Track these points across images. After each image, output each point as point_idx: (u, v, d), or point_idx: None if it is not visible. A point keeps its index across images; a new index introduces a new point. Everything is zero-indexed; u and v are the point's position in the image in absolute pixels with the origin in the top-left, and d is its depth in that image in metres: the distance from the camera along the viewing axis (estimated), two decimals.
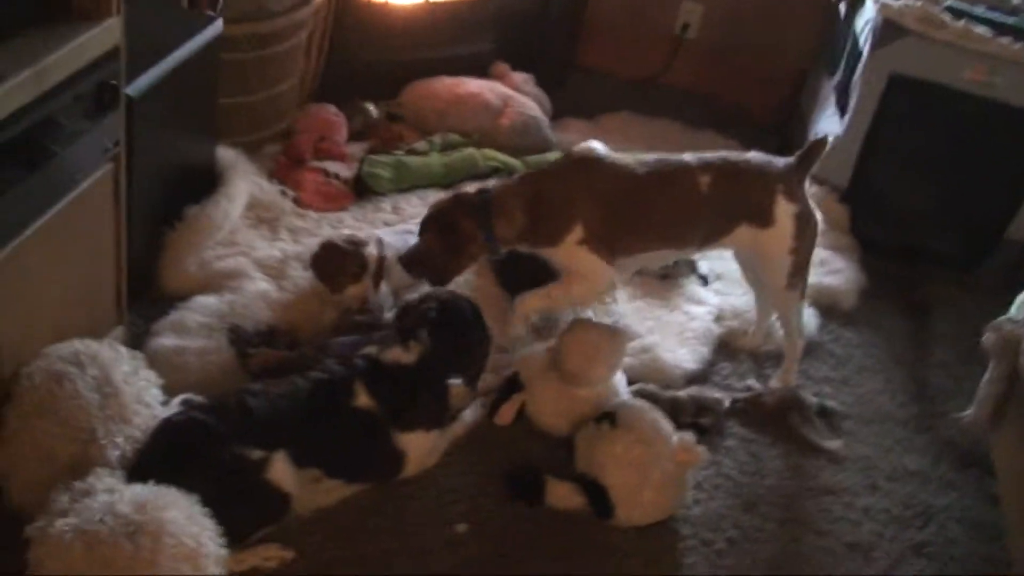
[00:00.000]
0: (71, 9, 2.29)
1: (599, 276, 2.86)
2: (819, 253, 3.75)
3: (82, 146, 2.32)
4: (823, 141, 2.91)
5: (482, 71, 4.36)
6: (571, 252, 2.81)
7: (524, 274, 3.05)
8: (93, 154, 2.40)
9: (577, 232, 2.78)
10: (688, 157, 2.88)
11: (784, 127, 4.65)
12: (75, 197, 2.37)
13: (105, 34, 2.30)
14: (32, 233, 2.23)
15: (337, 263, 2.97)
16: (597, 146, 2.91)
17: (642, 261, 2.98)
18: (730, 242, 2.94)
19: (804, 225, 2.88)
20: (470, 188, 2.94)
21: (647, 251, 2.90)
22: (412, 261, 2.90)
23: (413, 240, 3.06)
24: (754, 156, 2.94)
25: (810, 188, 3.90)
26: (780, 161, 2.92)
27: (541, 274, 2.97)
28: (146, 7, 3.01)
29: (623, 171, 2.82)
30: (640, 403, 2.70)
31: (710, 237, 2.90)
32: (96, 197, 2.48)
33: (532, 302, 2.91)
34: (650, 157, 2.88)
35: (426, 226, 2.90)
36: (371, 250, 2.98)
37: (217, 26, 3.07)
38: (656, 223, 2.85)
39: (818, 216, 3.00)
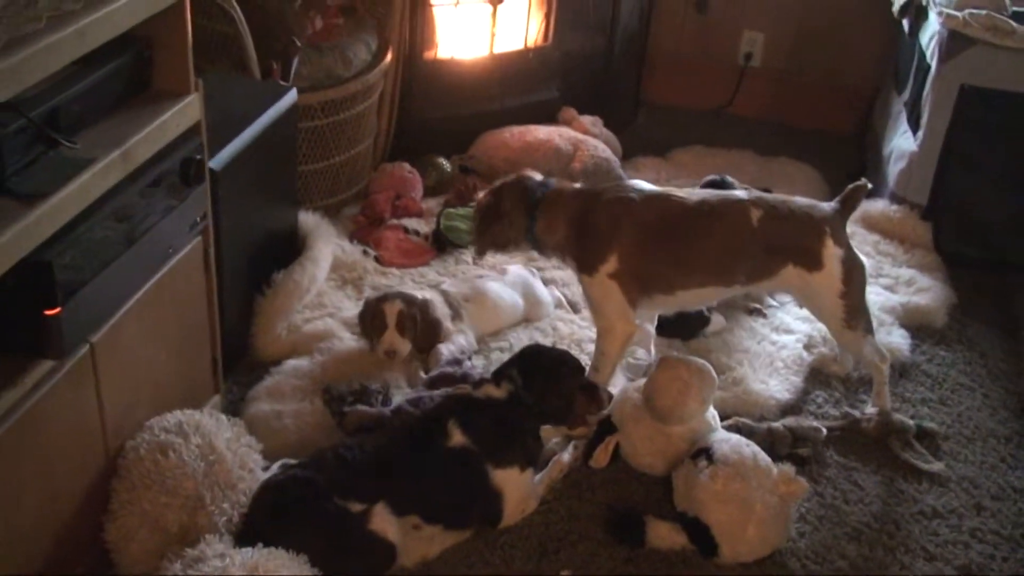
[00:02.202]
0: (152, 89, 2.39)
1: (619, 319, 2.84)
2: (905, 272, 3.75)
3: (171, 221, 2.39)
4: (863, 185, 2.90)
5: (550, 118, 4.42)
6: (602, 286, 2.81)
7: None
8: (182, 228, 2.47)
9: (611, 263, 2.78)
10: (738, 192, 2.88)
11: (858, 148, 4.61)
12: (168, 271, 2.44)
13: (185, 111, 2.38)
14: (129, 308, 2.31)
15: (364, 320, 3.07)
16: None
17: (683, 300, 2.94)
18: (777, 283, 2.92)
19: (851, 269, 2.86)
20: (537, 176, 2.95)
21: (690, 288, 2.87)
22: (476, 215, 2.97)
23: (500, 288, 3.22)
24: (801, 199, 2.92)
25: (891, 207, 3.95)
26: (825, 205, 2.90)
27: None
28: (222, 82, 3.12)
29: (673, 201, 2.82)
30: (736, 437, 2.68)
31: (756, 275, 2.87)
32: (188, 269, 2.55)
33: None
34: (696, 191, 2.88)
35: (489, 190, 2.97)
36: (393, 304, 3.02)
37: (292, 95, 3.15)
38: (704, 256, 2.83)
39: (863, 259, 2.97)
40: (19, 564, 2.11)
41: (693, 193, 2.87)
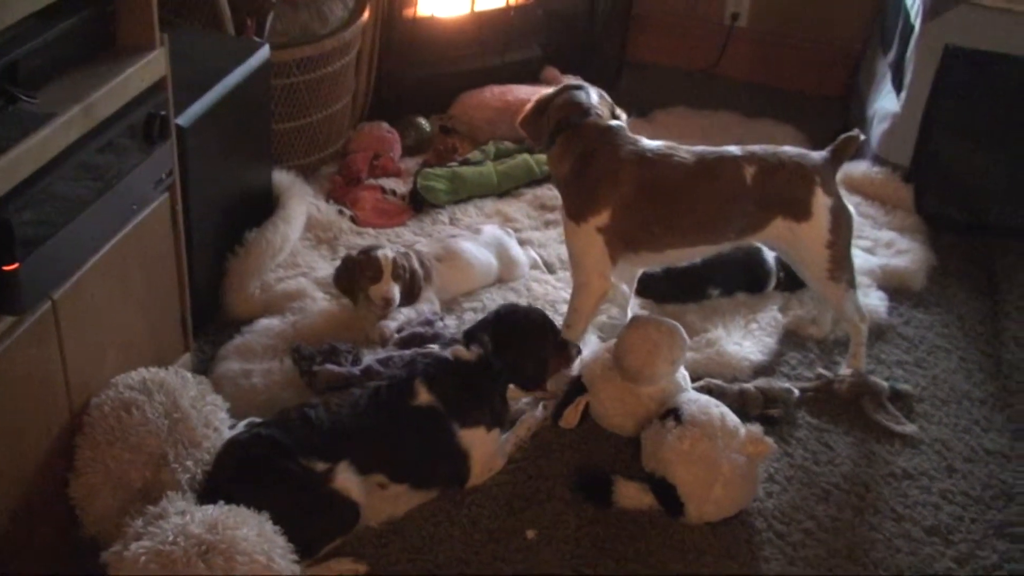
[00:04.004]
0: (115, 44, 2.36)
1: (597, 274, 2.82)
2: (885, 235, 3.73)
3: (136, 177, 2.37)
4: (855, 136, 2.88)
5: (532, 77, 4.38)
6: (587, 237, 2.78)
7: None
8: (147, 184, 2.45)
9: (603, 217, 2.76)
10: (732, 148, 2.85)
11: (843, 110, 4.58)
12: (134, 228, 2.43)
13: (150, 66, 2.36)
14: (94, 265, 2.29)
15: (351, 273, 3.03)
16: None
17: (671, 258, 2.93)
18: (764, 236, 2.90)
19: (840, 218, 2.85)
20: (591, 98, 2.89)
21: (681, 247, 2.86)
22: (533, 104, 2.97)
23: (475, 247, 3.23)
24: (791, 149, 2.90)
25: (873, 169, 3.93)
26: (816, 154, 2.88)
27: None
28: (193, 37, 3.09)
29: (674, 162, 2.79)
30: (704, 398, 2.67)
31: (746, 230, 2.86)
32: (154, 226, 2.54)
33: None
34: (696, 148, 2.85)
35: (556, 89, 2.95)
36: (385, 252, 3.01)
37: (264, 52, 3.12)
38: (698, 217, 2.82)
39: (851, 210, 2.95)
40: None
41: (692, 151, 2.83)
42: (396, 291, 2.99)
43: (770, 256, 3.32)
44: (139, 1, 2.34)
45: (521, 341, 2.65)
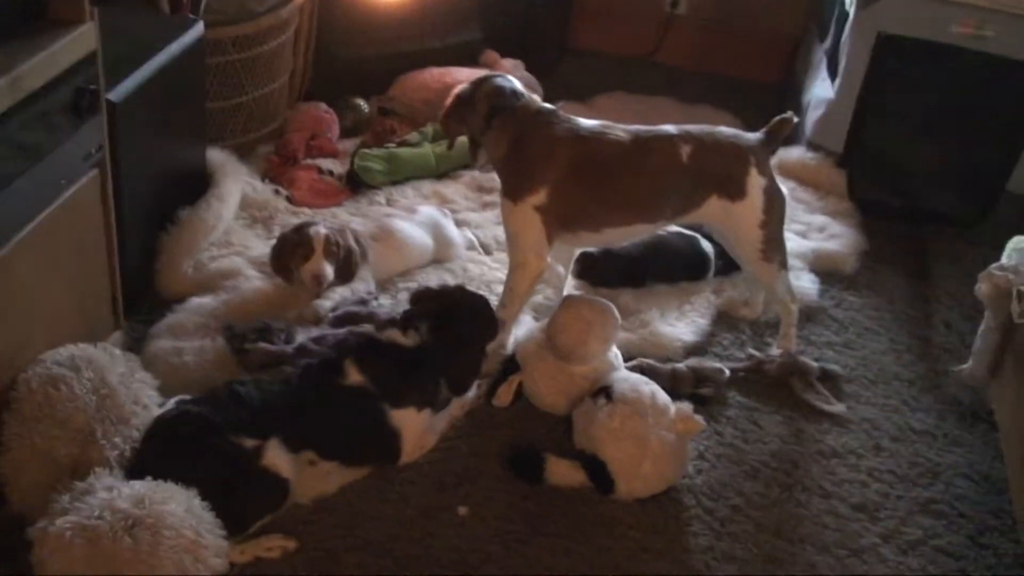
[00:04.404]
0: (46, 17, 2.33)
1: (533, 254, 2.83)
2: (818, 219, 3.79)
3: (64, 152, 2.35)
4: (789, 118, 2.92)
5: (472, 60, 4.38)
6: (525, 216, 2.79)
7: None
8: (76, 160, 2.42)
9: (539, 196, 2.77)
10: (668, 127, 2.88)
11: (779, 97, 4.63)
12: (61, 203, 2.40)
13: (80, 40, 2.33)
14: (20, 241, 2.26)
15: (284, 251, 3.02)
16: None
17: (609, 237, 2.95)
18: (699, 216, 2.93)
19: (773, 198, 2.89)
20: (514, 84, 2.89)
21: (616, 226, 2.88)
22: (451, 99, 2.94)
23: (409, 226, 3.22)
24: (726, 129, 2.94)
25: (807, 154, 3.98)
26: (751, 135, 2.92)
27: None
28: (127, 14, 3.06)
29: (609, 139, 2.81)
30: (635, 376, 2.70)
31: (681, 211, 2.89)
32: (84, 202, 2.51)
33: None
34: (632, 127, 2.88)
35: (472, 81, 2.93)
36: (317, 229, 3.00)
37: (198, 29, 3.09)
38: (634, 195, 2.83)
39: (784, 191, 3.00)
40: None
41: (628, 129, 2.85)
42: (328, 269, 2.97)
43: (707, 245, 3.35)
44: None
45: (460, 339, 2.65)
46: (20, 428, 2.30)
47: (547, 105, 2.89)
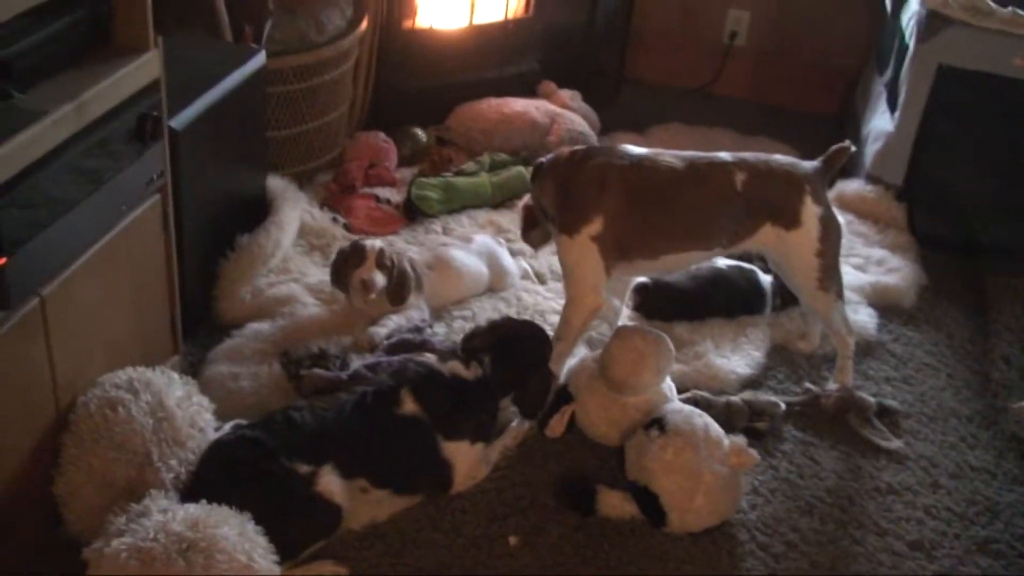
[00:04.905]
0: (111, 44, 2.38)
1: (590, 289, 2.83)
2: (876, 252, 3.75)
3: (126, 178, 2.39)
4: (847, 147, 2.91)
5: (530, 90, 4.41)
6: (582, 249, 2.79)
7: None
8: (138, 185, 2.46)
9: (595, 225, 2.77)
10: (723, 154, 2.87)
11: (838, 129, 4.60)
12: (123, 228, 2.44)
13: (144, 67, 2.37)
14: (83, 264, 2.30)
15: (340, 260, 3.07)
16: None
17: (666, 265, 2.94)
18: (754, 243, 2.91)
19: (828, 227, 2.86)
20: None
21: (672, 252, 2.87)
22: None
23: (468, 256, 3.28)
24: (781, 157, 2.92)
25: (866, 187, 3.94)
26: (807, 163, 2.90)
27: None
28: (190, 42, 3.12)
29: (662, 165, 2.81)
30: (688, 408, 2.68)
31: (736, 238, 2.88)
32: (145, 227, 2.55)
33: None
34: (685, 153, 2.87)
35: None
36: (373, 241, 3.05)
37: (260, 58, 3.14)
38: (689, 221, 2.83)
39: (842, 223, 2.97)
40: None
41: (682, 156, 2.86)
42: (378, 277, 2.98)
43: (766, 279, 3.33)
44: (136, 2, 2.36)
45: (521, 373, 2.67)
46: (78, 450, 2.33)
47: (581, 147, 2.95)
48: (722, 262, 3.32)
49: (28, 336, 2.18)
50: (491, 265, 3.34)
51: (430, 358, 2.68)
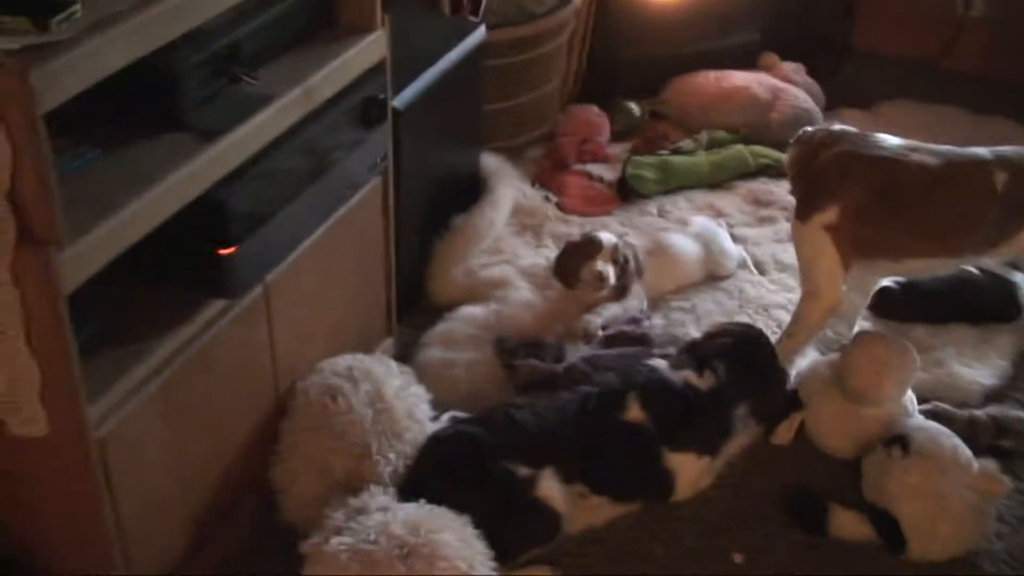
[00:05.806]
0: (336, 25, 2.32)
1: (827, 283, 2.66)
2: None
3: (352, 161, 2.34)
4: None
5: (749, 62, 4.20)
6: (814, 238, 2.62)
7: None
8: (362, 169, 2.41)
9: (830, 214, 2.59)
10: (981, 151, 2.63)
11: None
12: (346, 212, 2.40)
13: (370, 48, 2.31)
14: (307, 249, 2.27)
15: (570, 251, 2.96)
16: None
17: (908, 268, 2.75)
18: (1011, 249, 2.68)
19: None
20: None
21: (917, 257, 2.67)
22: None
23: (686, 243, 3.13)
24: None
25: None
26: None
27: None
28: (409, 17, 3.03)
29: (913, 164, 2.60)
30: (934, 426, 2.48)
31: (991, 243, 2.65)
32: (366, 210, 2.50)
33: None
34: (941, 147, 2.66)
35: None
36: (609, 236, 2.95)
37: (480, 33, 3.06)
38: (939, 224, 2.62)
39: None
40: (183, 502, 2.12)
41: (937, 151, 2.65)
42: (610, 270, 2.89)
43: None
44: None
45: (759, 384, 2.56)
46: (296, 438, 2.31)
47: (838, 128, 2.76)
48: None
49: (252, 322, 2.17)
50: (708, 245, 3.19)
51: (660, 364, 2.55)
